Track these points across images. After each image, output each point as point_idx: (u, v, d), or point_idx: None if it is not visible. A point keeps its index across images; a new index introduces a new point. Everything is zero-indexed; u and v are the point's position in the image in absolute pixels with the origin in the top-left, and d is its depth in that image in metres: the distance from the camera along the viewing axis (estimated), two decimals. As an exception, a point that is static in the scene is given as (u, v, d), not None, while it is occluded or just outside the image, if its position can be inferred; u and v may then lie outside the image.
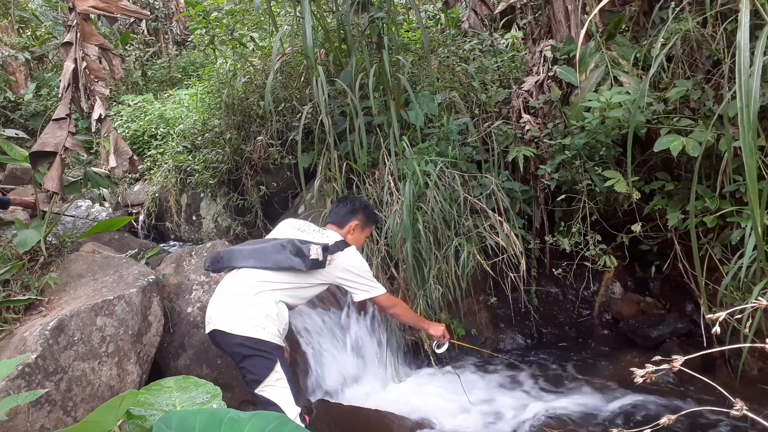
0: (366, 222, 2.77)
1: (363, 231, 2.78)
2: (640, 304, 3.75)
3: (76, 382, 2.41)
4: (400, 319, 2.90)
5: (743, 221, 2.70)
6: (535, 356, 3.64)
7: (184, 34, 9.27)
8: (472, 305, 3.71)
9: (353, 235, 2.71)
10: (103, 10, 3.38)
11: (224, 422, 0.92)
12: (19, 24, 9.53)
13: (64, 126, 3.21)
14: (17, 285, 2.82)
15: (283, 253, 2.38)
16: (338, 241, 2.57)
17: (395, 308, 2.72)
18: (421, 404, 3.09)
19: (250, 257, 2.41)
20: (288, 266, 2.36)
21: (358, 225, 2.72)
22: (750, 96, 2.03)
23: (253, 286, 2.34)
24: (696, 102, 2.98)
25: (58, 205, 3.52)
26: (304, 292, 2.52)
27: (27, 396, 1.37)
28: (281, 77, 4.61)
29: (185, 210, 5.51)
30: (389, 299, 2.70)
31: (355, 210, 2.74)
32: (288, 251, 2.37)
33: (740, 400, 0.83)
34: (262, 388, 2.22)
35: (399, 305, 2.76)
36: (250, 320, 2.26)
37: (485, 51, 4.51)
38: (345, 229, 2.69)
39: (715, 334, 0.93)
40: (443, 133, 3.63)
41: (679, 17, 3.00)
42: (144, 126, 6.61)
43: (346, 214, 2.72)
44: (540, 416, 2.95)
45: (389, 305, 2.70)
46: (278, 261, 2.37)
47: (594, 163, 3.28)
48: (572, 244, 3.43)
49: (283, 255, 2.37)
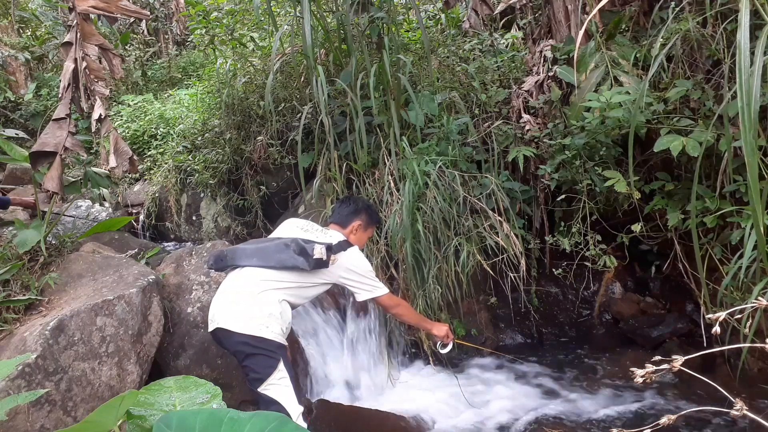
0: (368, 222, 2.77)
1: (365, 231, 2.78)
2: (640, 304, 3.75)
3: (76, 382, 2.41)
4: (403, 319, 2.88)
5: (743, 221, 2.70)
6: (534, 356, 3.64)
7: (184, 34, 9.27)
8: (472, 305, 3.71)
9: (356, 236, 2.71)
10: (103, 10, 3.38)
11: (224, 422, 0.92)
12: (19, 24, 9.52)
13: (64, 126, 3.21)
14: (17, 285, 2.82)
15: (287, 252, 2.38)
16: (341, 240, 2.57)
17: (398, 308, 2.71)
18: (420, 404, 3.09)
19: (254, 256, 2.41)
20: (291, 265, 2.36)
21: (361, 225, 2.72)
22: (750, 96, 2.03)
23: (256, 285, 2.34)
24: (696, 102, 2.98)
25: (58, 205, 3.52)
26: (307, 291, 2.52)
27: (27, 396, 1.37)
28: (281, 77, 4.61)
29: (185, 210, 5.51)
30: (392, 299, 2.69)
31: (357, 210, 2.74)
32: (292, 250, 2.37)
33: (740, 400, 0.83)
34: (265, 387, 2.23)
35: (402, 305, 2.75)
36: (254, 319, 2.26)
37: (485, 51, 4.51)
38: (347, 229, 2.69)
39: (715, 334, 0.93)
40: (443, 133, 3.63)
41: (679, 17, 3.00)
42: (144, 126, 6.61)
43: (349, 214, 2.72)
44: (539, 416, 2.95)
45: (392, 305, 2.69)
46: (282, 260, 2.37)
47: (594, 163, 3.28)
48: (572, 244, 3.43)
49: (287, 254, 2.37)
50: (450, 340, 2.85)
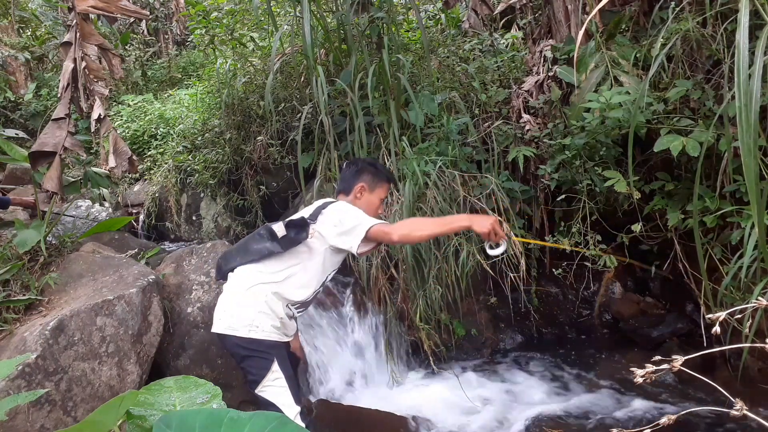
0: (374, 181, 2.44)
1: (373, 192, 2.44)
2: (640, 304, 3.75)
3: (76, 382, 2.41)
4: (417, 236, 2.26)
5: (743, 221, 2.70)
6: (534, 356, 3.65)
7: (184, 34, 9.28)
8: (472, 305, 3.71)
9: (361, 200, 2.41)
10: (103, 10, 3.38)
11: (224, 422, 0.92)
12: (19, 24, 9.52)
13: (64, 126, 3.21)
14: (17, 285, 2.82)
15: (261, 241, 2.27)
16: (321, 204, 2.34)
17: (399, 229, 2.19)
18: (421, 404, 3.09)
19: (237, 255, 2.34)
20: (267, 253, 2.24)
21: (364, 187, 2.42)
22: (750, 96, 2.03)
23: (243, 283, 2.26)
24: (696, 102, 2.98)
25: (58, 205, 3.52)
26: (302, 277, 2.27)
27: (27, 396, 1.37)
28: (281, 77, 4.61)
29: (185, 210, 5.51)
30: (386, 225, 2.20)
31: (359, 171, 2.46)
32: (264, 238, 2.27)
33: (740, 400, 0.83)
34: (261, 389, 2.20)
35: (402, 225, 2.27)
36: (244, 320, 2.20)
37: (485, 51, 4.52)
38: (351, 195, 2.43)
39: (715, 334, 0.93)
40: (443, 133, 3.63)
41: (679, 17, 3.00)
42: (144, 126, 6.61)
43: (351, 178, 2.46)
44: (539, 416, 2.95)
45: (388, 231, 2.17)
46: (259, 250, 2.26)
47: (594, 163, 3.28)
48: (572, 244, 3.43)
49: (261, 243, 2.27)
50: (501, 238, 2.16)
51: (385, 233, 2.17)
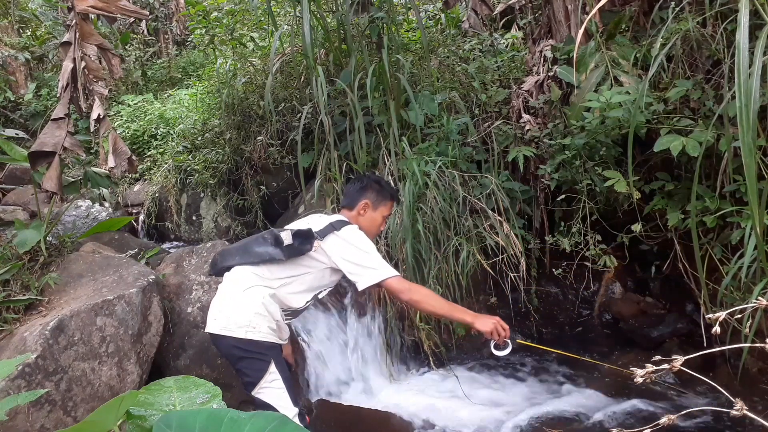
0: (377, 199, 2.44)
1: (376, 210, 2.44)
2: (640, 304, 3.75)
3: (76, 382, 2.41)
4: (424, 308, 2.30)
5: (743, 221, 2.69)
6: (534, 356, 3.64)
7: (184, 34, 9.27)
8: (472, 305, 3.70)
9: (364, 217, 2.42)
10: (103, 10, 3.38)
11: (224, 422, 0.92)
12: (19, 24, 9.51)
13: (63, 126, 3.21)
14: (17, 285, 2.82)
15: (264, 245, 2.26)
16: (335, 221, 2.32)
17: (413, 293, 2.22)
18: (420, 404, 3.09)
19: (237, 254, 2.33)
20: (268, 258, 2.23)
21: (368, 204, 2.42)
22: (749, 96, 2.03)
23: (240, 284, 2.24)
24: (696, 102, 2.98)
25: (58, 205, 3.52)
26: (298, 284, 2.28)
27: (27, 396, 1.37)
28: (281, 77, 4.61)
29: (185, 210, 5.51)
30: (402, 282, 2.23)
31: (363, 187, 2.45)
32: (268, 242, 2.26)
33: (740, 400, 0.83)
34: (258, 391, 2.17)
35: (419, 290, 2.28)
36: (240, 321, 2.18)
37: (485, 51, 4.52)
38: (354, 211, 2.43)
39: (715, 334, 0.93)
40: (443, 133, 3.63)
41: (679, 17, 3.00)
42: (144, 126, 6.61)
43: (355, 194, 2.46)
44: (539, 416, 2.95)
45: (403, 290, 2.21)
46: (260, 254, 2.26)
47: (594, 163, 3.28)
48: (572, 244, 3.43)
49: (264, 247, 2.26)
50: (505, 339, 2.25)
51: (398, 290, 2.22)
